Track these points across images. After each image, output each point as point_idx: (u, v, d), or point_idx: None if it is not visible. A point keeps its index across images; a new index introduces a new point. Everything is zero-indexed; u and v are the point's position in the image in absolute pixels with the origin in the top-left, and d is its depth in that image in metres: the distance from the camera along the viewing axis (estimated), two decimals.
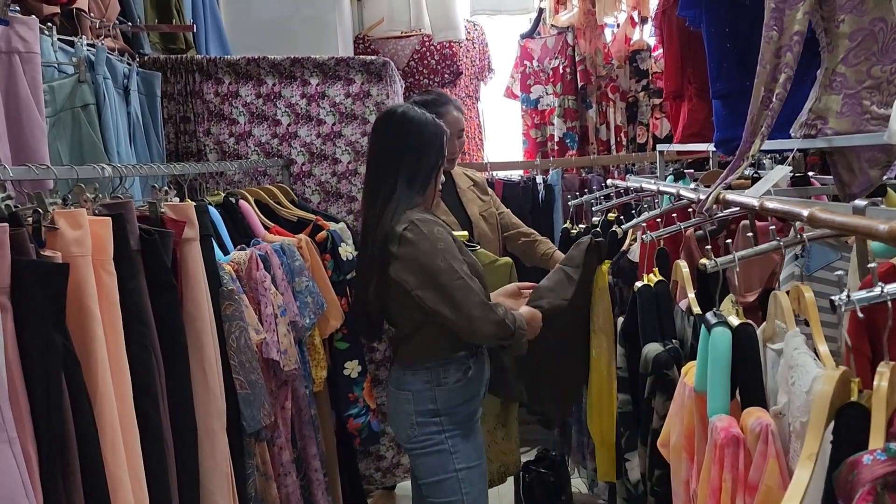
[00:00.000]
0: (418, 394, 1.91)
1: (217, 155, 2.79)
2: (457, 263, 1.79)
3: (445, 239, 1.82)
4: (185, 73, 2.74)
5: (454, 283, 1.76)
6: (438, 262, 1.76)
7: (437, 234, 1.80)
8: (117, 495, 1.21)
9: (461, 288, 1.76)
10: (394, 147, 1.88)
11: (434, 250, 1.77)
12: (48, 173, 1.37)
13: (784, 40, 1.64)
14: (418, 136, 1.88)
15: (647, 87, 4.10)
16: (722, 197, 1.62)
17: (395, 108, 1.95)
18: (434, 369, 1.90)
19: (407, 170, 1.87)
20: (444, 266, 1.76)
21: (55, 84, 1.86)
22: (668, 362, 1.63)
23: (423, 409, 1.91)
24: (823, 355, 1.16)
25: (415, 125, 1.88)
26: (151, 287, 1.37)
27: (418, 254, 1.77)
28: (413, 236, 1.78)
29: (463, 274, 1.78)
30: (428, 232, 1.79)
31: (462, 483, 1.89)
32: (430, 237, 1.78)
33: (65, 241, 1.18)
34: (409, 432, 1.93)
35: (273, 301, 1.89)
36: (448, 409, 1.91)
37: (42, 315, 1.04)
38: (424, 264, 1.77)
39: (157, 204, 1.47)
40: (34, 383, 1.03)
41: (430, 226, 1.81)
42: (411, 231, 1.79)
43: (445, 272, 1.76)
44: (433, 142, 1.91)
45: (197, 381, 1.51)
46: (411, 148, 1.87)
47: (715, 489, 1.17)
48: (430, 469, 1.92)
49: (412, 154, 1.88)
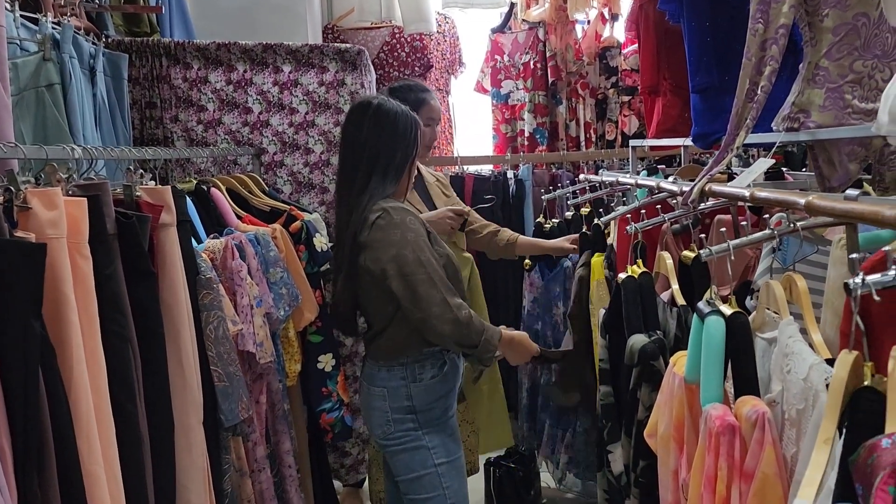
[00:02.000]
0: (393, 391, 1.87)
1: (185, 142, 2.70)
2: (425, 255, 1.75)
3: (416, 229, 1.79)
4: (152, 56, 2.64)
5: (418, 277, 1.73)
6: (406, 252, 1.74)
7: (408, 223, 1.77)
8: (93, 492, 1.15)
9: (424, 282, 1.73)
10: (368, 139, 1.85)
11: (404, 239, 1.74)
12: (16, 152, 1.29)
13: (769, 33, 1.65)
14: (393, 127, 1.86)
15: (616, 84, 4.13)
16: (708, 188, 1.62)
17: (370, 98, 1.92)
18: (409, 366, 1.86)
19: (381, 162, 1.84)
20: (412, 257, 1.73)
21: (18, 62, 1.77)
22: (655, 353, 1.63)
23: (398, 406, 1.87)
24: (818, 343, 1.17)
25: (390, 117, 1.86)
26: (128, 274, 1.31)
27: (388, 241, 1.75)
28: (384, 223, 1.76)
29: (429, 268, 1.75)
30: (399, 220, 1.76)
31: (442, 478, 1.86)
32: (401, 225, 1.76)
33: (38, 221, 1.11)
34: (384, 429, 1.89)
35: (248, 292, 1.83)
36: (424, 406, 1.88)
37: (19, 300, 0.98)
38: (392, 253, 1.74)
39: (133, 187, 1.40)
40: (10, 374, 0.97)
41: (402, 214, 1.78)
42: (383, 218, 1.76)
43: (412, 263, 1.73)
44: (407, 133, 1.88)
45: (174, 374, 1.44)
46: (386, 140, 1.85)
47: (710, 477, 1.17)
48: (408, 466, 1.88)
49: (387, 146, 1.85)
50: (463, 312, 1.77)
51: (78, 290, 1.16)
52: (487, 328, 1.84)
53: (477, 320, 1.81)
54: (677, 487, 1.41)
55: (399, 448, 1.88)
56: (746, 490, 1.09)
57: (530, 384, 2.92)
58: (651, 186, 2.12)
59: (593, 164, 3.97)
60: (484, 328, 1.82)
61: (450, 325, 1.74)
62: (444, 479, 1.88)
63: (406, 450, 1.88)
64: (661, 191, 2.01)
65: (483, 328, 1.82)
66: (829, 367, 1.00)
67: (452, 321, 1.74)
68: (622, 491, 1.83)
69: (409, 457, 1.88)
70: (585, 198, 2.88)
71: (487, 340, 1.81)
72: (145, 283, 1.36)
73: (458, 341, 1.79)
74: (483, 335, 1.80)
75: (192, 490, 1.48)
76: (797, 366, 1.09)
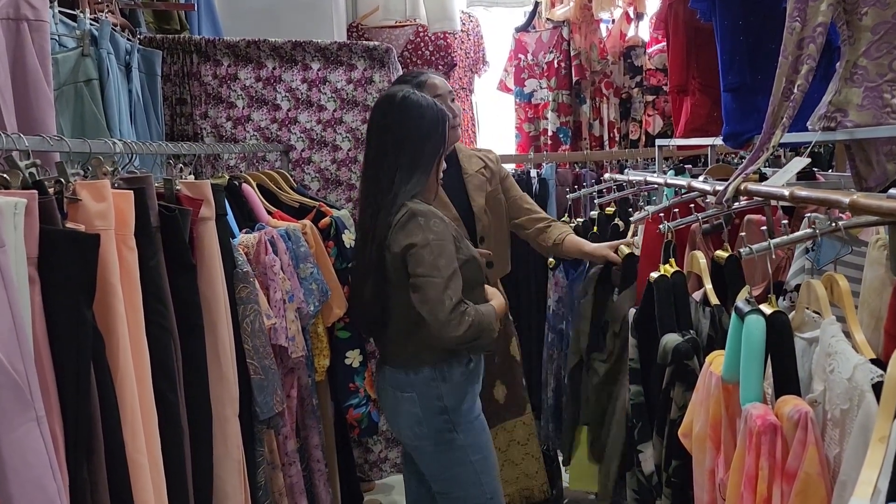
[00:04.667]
0: (424, 393, 1.84)
1: (214, 139, 2.72)
2: (443, 260, 1.71)
3: (439, 231, 1.74)
4: (183, 53, 2.67)
5: (431, 279, 1.68)
6: (424, 252, 1.70)
7: (431, 225, 1.73)
8: (136, 480, 1.16)
9: (436, 286, 1.68)
10: (394, 129, 1.79)
11: (424, 240, 1.71)
12: (61, 145, 1.31)
13: (807, 31, 1.64)
14: (419, 121, 1.80)
15: (640, 83, 4.11)
16: (744, 187, 1.61)
17: (395, 92, 1.85)
18: (437, 367, 1.84)
19: (407, 158, 1.79)
20: (429, 259, 1.69)
21: (59, 57, 1.80)
22: (689, 352, 1.62)
23: (430, 407, 1.84)
24: (861, 343, 1.16)
25: (415, 110, 1.80)
26: (170, 266, 1.32)
27: (408, 240, 1.72)
28: (406, 221, 1.73)
29: (445, 272, 1.70)
30: (423, 222, 1.72)
31: (479, 474, 1.86)
32: (424, 227, 1.72)
33: (87, 213, 1.13)
34: (415, 431, 1.86)
35: (281, 286, 1.84)
36: (456, 404, 1.86)
37: (73, 289, 1.00)
38: (411, 250, 1.71)
39: (174, 181, 1.42)
40: (64, 361, 0.98)
41: (426, 216, 1.74)
42: (406, 217, 1.73)
43: (427, 264, 1.69)
44: (435, 127, 1.82)
45: (211, 366, 1.46)
46: (411, 135, 1.79)
47: (751, 477, 1.16)
48: (444, 464, 1.86)
49: (412, 141, 1.79)
50: (467, 319, 1.70)
51: (124, 281, 1.18)
52: (488, 323, 1.78)
53: (479, 324, 1.74)
54: (713, 487, 1.41)
55: (434, 448, 1.86)
56: (788, 490, 1.09)
57: (555, 384, 2.91)
58: (681, 186, 2.11)
59: (617, 164, 3.95)
60: (489, 328, 1.78)
61: (455, 333, 1.68)
62: (482, 475, 1.87)
63: (441, 451, 1.85)
64: (692, 190, 2.01)
65: (485, 329, 1.76)
66: (875, 367, 1.00)
67: (455, 330, 1.68)
68: (653, 491, 1.82)
69: (445, 455, 1.86)
70: (611, 197, 2.87)
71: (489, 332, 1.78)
72: (186, 276, 1.37)
73: (467, 346, 1.77)
74: (488, 333, 1.77)
75: (228, 481, 1.50)
76: (841, 365, 1.08)
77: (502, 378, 2.42)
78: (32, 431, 0.92)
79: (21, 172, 1.09)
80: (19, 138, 1.19)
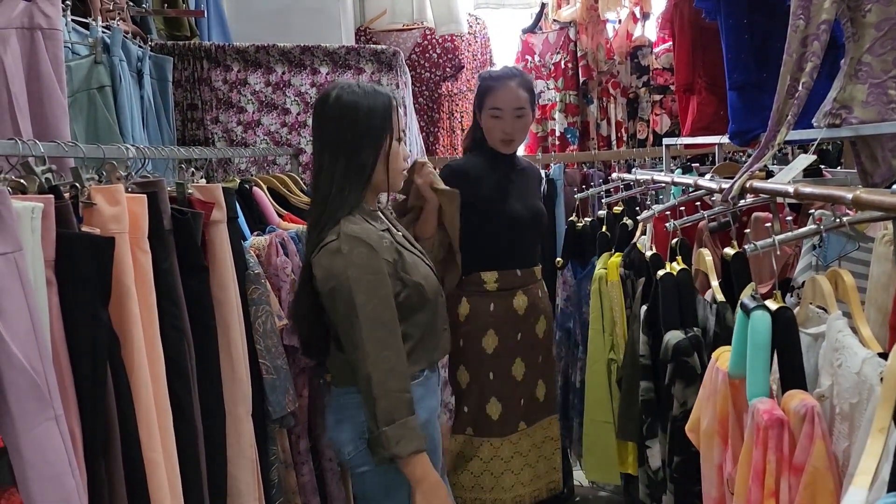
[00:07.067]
0: None
1: (225, 143, 2.76)
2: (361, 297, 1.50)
3: (364, 264, 1.53)
4: (193, 59, 2.70)
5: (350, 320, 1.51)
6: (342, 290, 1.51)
7: (355, 257, 1.52)
8: (152, 478, 1.19)
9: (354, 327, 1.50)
10: (327, 137, 1.61)
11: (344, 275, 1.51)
12: (76, 151, 1.34)
13: (811, 29, 1.64)
14: (353, 120, 1.59)
15: (647, 83, 4.12)
16: (749, 185, 1.62)
17: (329, 91, 1.63)
18: None
19: (342, 163, 1.59)
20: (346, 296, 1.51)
21: (72, 64, 1.83)
22: (688, 350, 1.63)
23: None
24: (867, 338, 1.16)
25: (350, 107, 1.59)
26: (182, 268, 1.35)
27: (330, 272, 1.53)
28: (333, 247, 1.54)
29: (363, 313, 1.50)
30: (347, 251, 1.52)
31: None
32: (347, 258, 1.52)
33: (102, 217, 1.15)
34: (356, 444, 1.60)
35: (292, 288, 1.87)
36: None
37: (89, 290, 1.02)
38: (332, 285, 1.53)
39: (185, 185, 1.45)
40: (81, 361, 1.01)
41: (352, 244, 1.53)
42: (333, 243, 1.54)
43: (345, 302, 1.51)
44: (372, 122, 1.60)
45: (224, 366, 1.48)
46: (346, 136, 1.59)
47: (758, 471, 1.17)
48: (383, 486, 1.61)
49: (348, 144, 1.59)
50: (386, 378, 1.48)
51: (138, 283, 1.21)
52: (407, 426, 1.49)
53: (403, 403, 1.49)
54: (722, 482, 1.41)
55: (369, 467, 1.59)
56: (796, 483, 1.09)
57: (563, 382, 2.92)
58: (688, 184, 2.12)
59: (625, 164, 3.96)
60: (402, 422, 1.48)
61: (364, 381, 1.49)
62: None
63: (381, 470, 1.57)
64: (699, 188, 2.02)
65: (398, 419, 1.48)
66: (883, 360, 1.01)
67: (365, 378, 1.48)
68: (661, 485, 1.83)
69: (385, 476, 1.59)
70: (618, 196, 2.88)
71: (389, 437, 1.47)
72: (198, 278, 1.40)
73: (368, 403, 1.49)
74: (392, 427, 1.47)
75: (241, 479, 1.52)
76: (849, 360, 1.09)
77: (544, 378, 2.45)
78: (51, 429, 0.95)
79: (37, 178, 1.12)
80: (35, 144, 1.21)
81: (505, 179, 2.36)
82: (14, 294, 0.93)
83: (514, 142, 2.34)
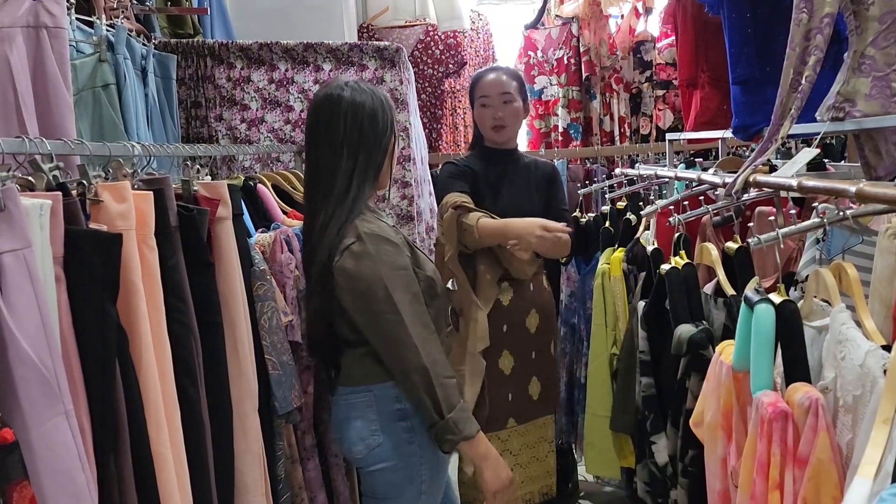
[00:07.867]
0: (382, 393, 1.62)
1: (229, 141, 2.76)
2: (398, 293, 1.53)
3: (391, 261, 1.55)
4: (197, 57, 2.71)
5: (388, 317, 1.52)
6: (377, 290, 1.52)
7: (382, 254, 1.54)
8: (161, 473, 1.19)
9: (394, 323, 1.52)
10: (347, 141, 1.59)
11: (375, 275, 1.53)
12: (82, 148, 1.34)
13: (814, 23, 1.65)
14: (372, 124, 1.61)
15: (650, 78, 4.12)
16: (753, 179, 1.63)
17: (338, 91, 1.62)
18: None
19: (361, 166, 1.60)
20: (382, 294, 1.52)
21: (77, 63, 1.84)
22: (703, 342, 1.64)
23: (388, 411, 1.61)
24: (871, 331, 1.17)
25: (367, 111, 1.60)
26: (189, 265, 1.35)
27: (358, 274, 1.53)
28: (358, 250, 1.54)
29: (402, 307, 1.52)
30: (374, 250, 1.54)
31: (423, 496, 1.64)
32: (375, 257, 1.53)
33: (109, 214, 1.16)
34: (368, 441, 1.61)
35: (296, 284, 1.87)
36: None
37: (97, 286, 1.03)
38: (363, 288, 1.53)
39: (191, 182, 1.45)
40: (90, 356, 1.02)
41: (377, 243, 1.55)
42: (357, 245, 1.55)
43: (382, 301, 1.52)
44: (386, 124, 1.63)
45: (230, 362, 1.49)
46: (366, 140, 1.60)
47: (762, 464, 1.18)
48: (394, 484, 1.62)
49: (368, 147, 1.61)
50: (438, 368, 1.52)
51: (145, 279, 1.21)
52: (464, 409, 1.55)
53: (455, 389, 1.55)
54: (726, 475, 1.42)
55: (386, 464, 1.61)
56: (800, 475, 1.10)
57: (568, 378, 2.93)
58: (692, 179, 2.12)
59: (628, 159, 3.96)
60: (460, 405, 1.54)
61: (418, 374, 1.51)
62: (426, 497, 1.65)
63: (396, 468, 1.60)
64: (703, 183, 2.02)
65: (457, 404, 1.53)
66: (886, 353, 1.01)
67: (420, 370, 1.51)
68: (667, 482, 1.84)
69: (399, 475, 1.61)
70: (622, 192, 2.89)
71: (456, 422, 1.52)
72: (204, 274, 1.40)
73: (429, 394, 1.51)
74: (454, 412, 1.52)
75: (248, 474, 1.52)
76: (852, 352, 1.09)
77: (539, 375, 2.40)
78: (61, 424, 0.96)
79: (45, 175, 1.13)
80: (42, 142, 1.22)
81: (501, 174, 2.35)
82: (24, 290, 0.94)
83: (505, 128, 2.32)
